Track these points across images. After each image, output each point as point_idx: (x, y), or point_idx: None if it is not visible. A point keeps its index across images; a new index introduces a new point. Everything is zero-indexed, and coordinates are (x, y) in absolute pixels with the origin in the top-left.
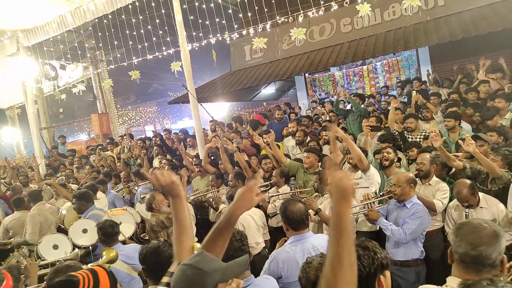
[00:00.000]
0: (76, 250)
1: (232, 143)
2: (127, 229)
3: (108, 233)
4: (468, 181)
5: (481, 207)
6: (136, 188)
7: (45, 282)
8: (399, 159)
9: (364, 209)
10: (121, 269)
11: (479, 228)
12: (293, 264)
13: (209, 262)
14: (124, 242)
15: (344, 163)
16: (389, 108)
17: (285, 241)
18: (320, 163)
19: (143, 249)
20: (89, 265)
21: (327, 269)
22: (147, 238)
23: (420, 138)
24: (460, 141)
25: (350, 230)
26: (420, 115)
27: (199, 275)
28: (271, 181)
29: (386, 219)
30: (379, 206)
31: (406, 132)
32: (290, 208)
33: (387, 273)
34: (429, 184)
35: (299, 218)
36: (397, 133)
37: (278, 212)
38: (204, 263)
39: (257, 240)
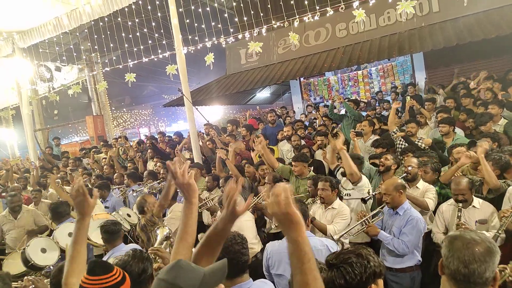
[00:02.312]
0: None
1: (229, 146)
2: None
3: (110, 231)
4: (466, 177)
5: (473, 207)
6: (128, 191)
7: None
8: (398, 166)
9: (363, 226)
10: None
11: (471, 244)
12: (279, 257)
13: (185, 275)
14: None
15: (338, 170)
16: (383, 113)
17: None
18: (311, 168)
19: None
20: None
21: None
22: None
23: (418, 143)
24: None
25: (310, 255)
26: None
27: None
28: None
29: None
30: (375, 219)
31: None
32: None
33: (380, 281)
34: (417, 187)
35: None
36: (395, 134)
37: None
38: (180, 277)
39: (251, 241)
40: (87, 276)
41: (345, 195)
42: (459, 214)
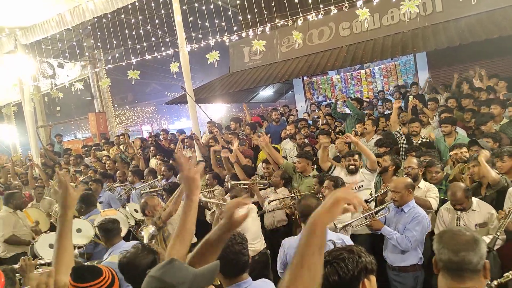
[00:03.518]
0: (76, 250)
1: (230, 145)
2: None
3: (108, 229)
4: (463, 184)
5: (473, 210)
6: (132, 189)
7: None
8: (398, 167)
9: (366, 220)
10: None
11: (458, 235)
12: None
13: (176, 274)
14: None
15: (333, 170)
16: (385, 112)
17: None
18: (315, 166)
19: (121, 258)
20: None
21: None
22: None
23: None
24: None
25: (320, 234)
26: None
27: None
28: (270, 180)
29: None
30: (379, 215)
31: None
32: (302, 203)
33: (372, 278)
34: (418, 187)
35: (307, 213)
36: (398, 134)
37: (265, 211)
38: (170, 275)
39: (253, 240)
40: (74, 284)
41: (358, 187)
42: (458, 223)
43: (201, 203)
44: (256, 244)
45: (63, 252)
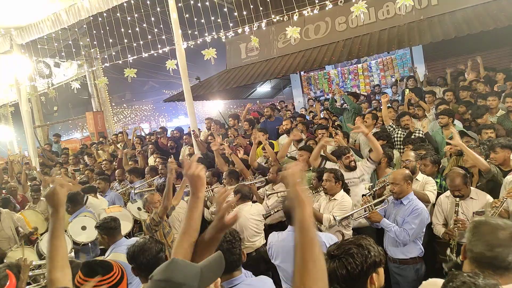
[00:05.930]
0: (73, 253)
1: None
2: (124, 226)
3: (110, 227)
4: (462, 171)
5: (471, 198)
6: (131, 188)
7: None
8: (391, 159)
9: (365, 212)
10: (126, 261)
11: (497, 229)
12: (277, 247)
13: (183, 271)
14: None
15: (324, 164)
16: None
17: None
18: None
19: (129, 247)
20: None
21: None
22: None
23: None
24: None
25: (310, 228)
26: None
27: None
28: (267, 177)
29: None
30: (378, 207)
31: (401, 128)
32: (286, 203)
33: (380, 270)
34: (416, 179)
35: (289, 214)
36: (391, 128)
37: (271, 213)
38: (177, 274)
39: (253, 236)
40: (85, 278)
41: (361, 180)
42: (456, 209)
43: (205, 199)
44: (256, 241)
45: (56, 250)
